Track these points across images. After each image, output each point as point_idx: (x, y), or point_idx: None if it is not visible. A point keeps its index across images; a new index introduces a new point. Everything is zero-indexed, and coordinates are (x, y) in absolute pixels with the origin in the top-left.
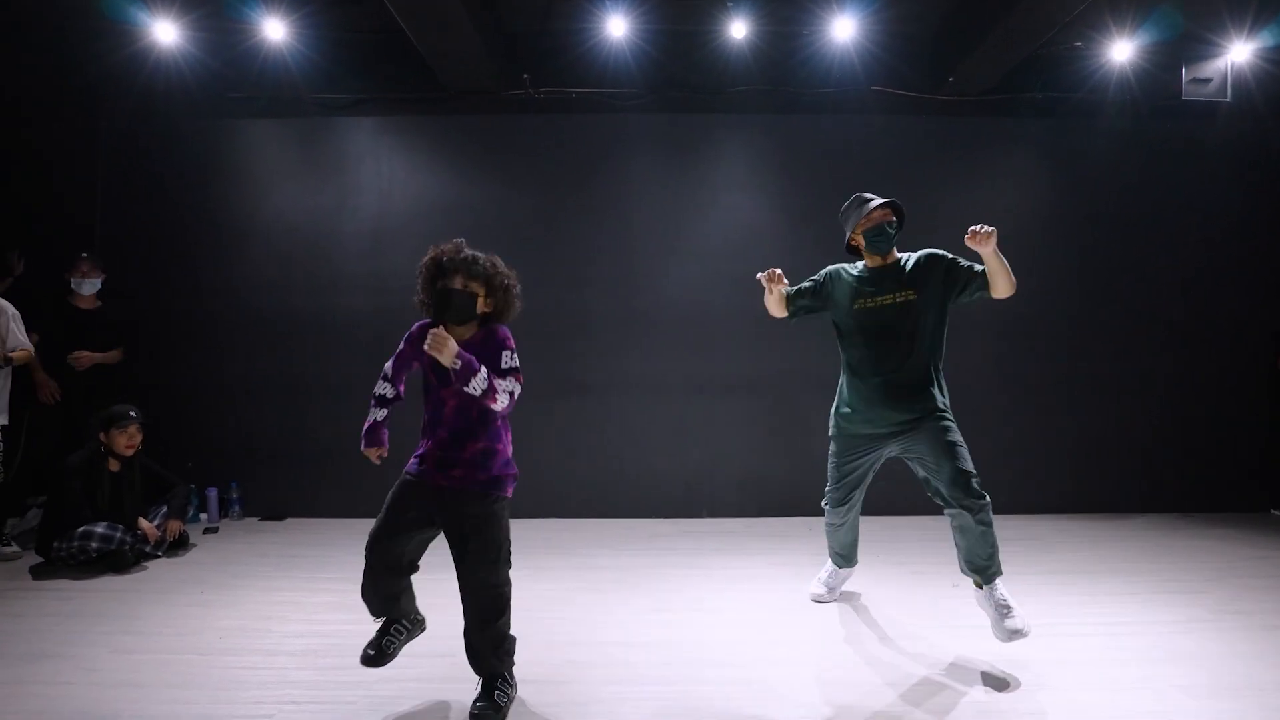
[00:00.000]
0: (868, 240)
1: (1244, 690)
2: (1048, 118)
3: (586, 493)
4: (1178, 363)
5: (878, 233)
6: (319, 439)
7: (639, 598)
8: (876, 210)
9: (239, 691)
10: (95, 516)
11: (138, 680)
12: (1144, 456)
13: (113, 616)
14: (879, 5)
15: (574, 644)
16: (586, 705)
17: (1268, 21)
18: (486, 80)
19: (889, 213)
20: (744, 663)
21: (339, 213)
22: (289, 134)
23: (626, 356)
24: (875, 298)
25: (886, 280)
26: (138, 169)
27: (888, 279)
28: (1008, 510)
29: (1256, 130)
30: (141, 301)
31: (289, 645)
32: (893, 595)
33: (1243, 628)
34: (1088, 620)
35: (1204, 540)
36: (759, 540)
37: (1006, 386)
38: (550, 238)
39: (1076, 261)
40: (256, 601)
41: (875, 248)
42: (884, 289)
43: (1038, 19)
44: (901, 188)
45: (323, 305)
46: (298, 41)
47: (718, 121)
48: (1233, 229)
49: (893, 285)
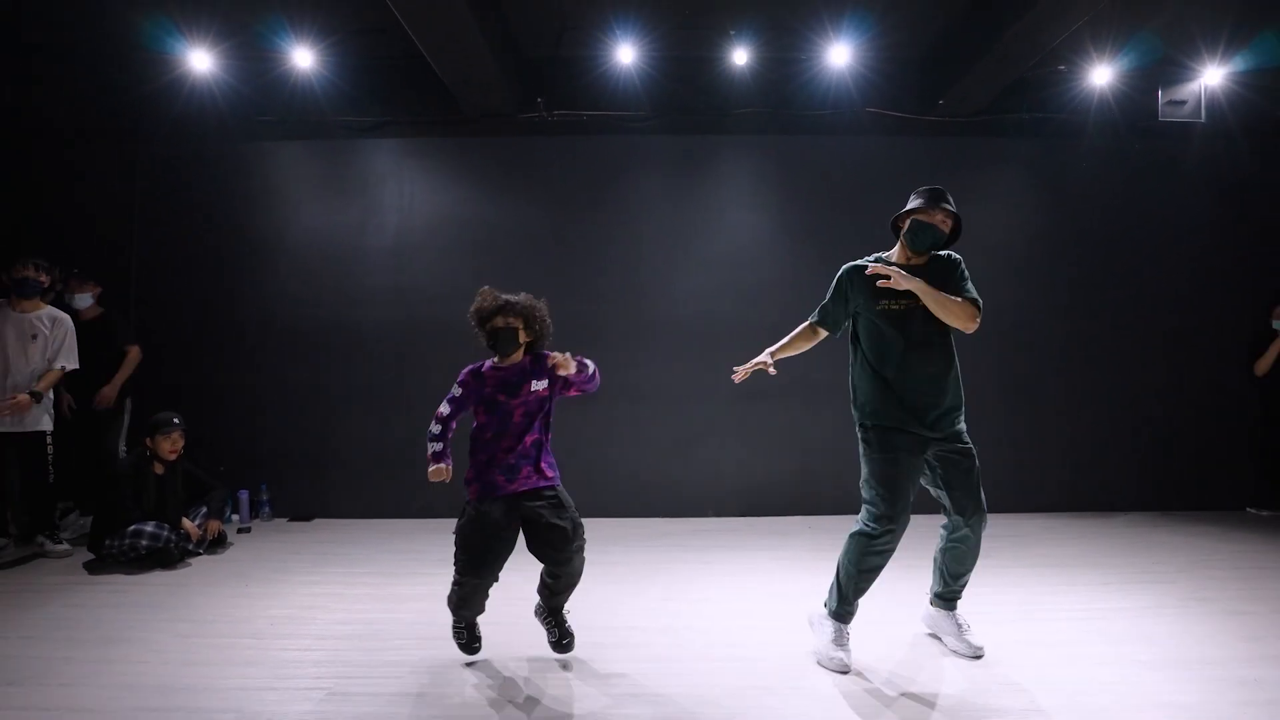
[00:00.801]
0: (914, 229)
1: (1193, 664)
2: (1034, 138)
3: (601, 494)
4: (1160, 369)
5: (924, 230)
6: (344, 444)
7: (655, 588)
8: (940, 213)
9: (298, 668)
10: (143, 517)
11: (203, 659)
12: (1128, 458)
13: (168, 606)
14: (873, 32)
15: (596, 628)
16: (608, 679)
17: (1239, 47)
18: (503, 104)
19: (949, 222)
20: (746, 645)
21: (363, 230)
22: (316, 156)
23: (637, 365)
24: (900, 299)
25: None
26: (173, 191)
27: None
28: (998, 509)
29: (1229, 150)
30: (176, 315)
31: (336, 630)
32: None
33: (1205, 613)
34: (1061, 607)
35: (1180, 536)
36: (762, 537)
37: (997, 392)
38: (563, 253)
39: (1064, 273)
40: (298, 594)
41: (916, 242)
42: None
43: (1024, 44)
44: (896, 205)
45: (347, 318)
46: (324, 68)
47: (721, 143)
48: (1209, 243)
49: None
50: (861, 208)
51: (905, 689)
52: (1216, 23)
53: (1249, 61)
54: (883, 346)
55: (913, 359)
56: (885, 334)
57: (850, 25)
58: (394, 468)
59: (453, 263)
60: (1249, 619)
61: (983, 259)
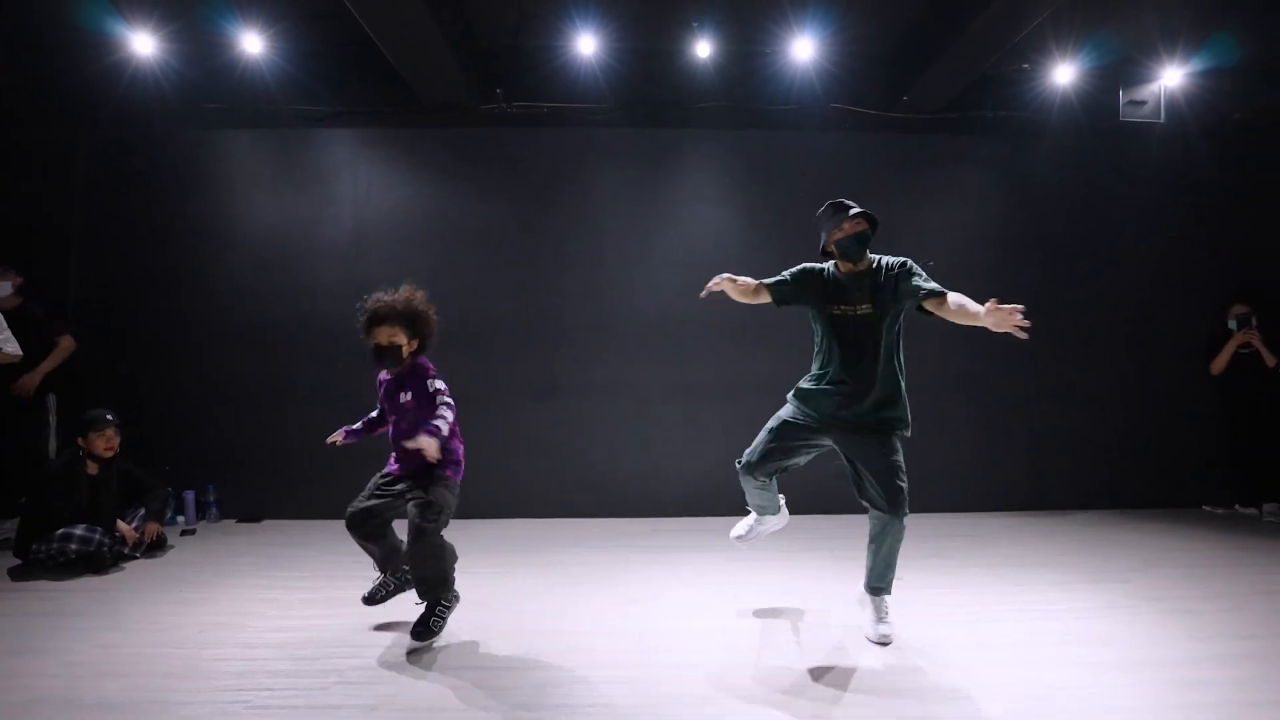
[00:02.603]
0: (839, 249)
1: (1141, 665)
2: (997, 135)
3: (559, 493)
4: (1119, 368)
5: (846, 241)
6: (296, 443)
7: (606, 591)
8: (848, 223)
9: (218, 680)
10: (74, 519)
11: (121, 671)
12: (1088, 456)
13: (93, 614)
14: (837, 26)
15: (540, 634)
16: (544, 688)
17: (1195, 48)
18: (460, 95)
19: (862, 223)
20: (699, 649)
21: (317, 222)
22: (268, 145)
23: (598, 362)
24: (849, 304)
25: (859, 287)
26: (117, 177)
27: (860, 286)
28: (958, 509)
29: (1187, 151)
30: (120, 306)
31: (267, 639)
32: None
33: (1155, 612)
34: (1013, 607)
35: (1137, 534)
36: (722, 537)
37: (959, 391)
38: (524, 247)
39: (1024, 273)
40: (235, 599)
41: (847, 255)
42: (856, 295)
43: (986, 41)
44: (860, 202)
45: (300, 312)
46: (275, 55)
47: (684, 136)
48: (1168, 242)
49: (866, 292)
50: (825, 203)
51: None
52: (1173, 23)
53: (1206, 62)
54: (835, 347)
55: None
56: (838, 336)
57: (814, 19)
58: (348, 468)
59: (410, 256)
60: (1198, 618)
61: (945, 256)
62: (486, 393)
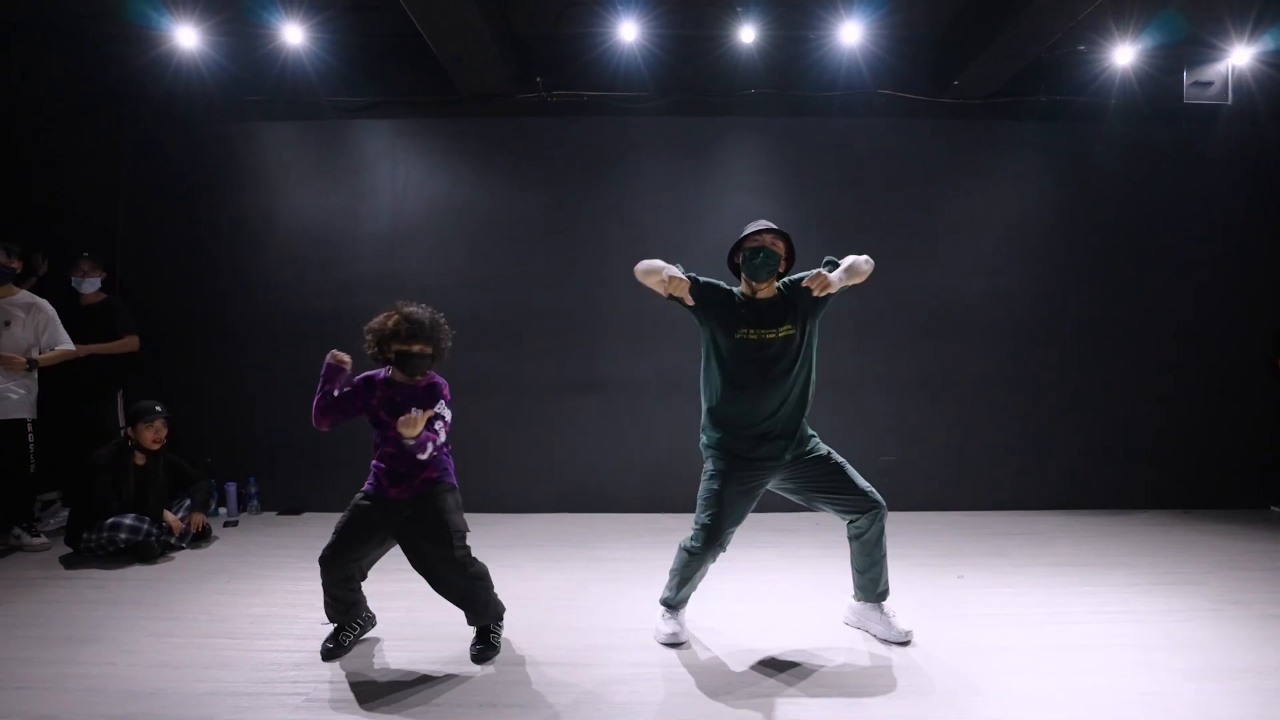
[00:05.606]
0: (746, 260)
1: (1242, 673)
2: (1052, 121)
3: (600, 487)
4: (1180, 362)
5: (756, 254)
6: (335, 435)
7: (651, 588)
8: (767, 235)
9: (275, 672)
10: (122, 509)
11: (177, 661)
12: (1147, 454)
13: (146, 603)
14: (885, 10)
15: (592, 630)
16: (606, 685)
17: (1269, 25)
18: (500, 84)
19: (778, 240)
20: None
21: (355, 214)
22: (307, 136)
23: (639, 355)
24: (757, 330)
25: (769, 312)
26: (159, 171)
27: (770, 311)
28: (1012, 506)
29: (1257, 134)
30: (161, 300)
31: (320, 631)
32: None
33: (1240, 617)
34: (1087, 610)
35: (1204, 535)
36: (767, 534)
37: (1013, 386)
38: (562, 238)
39: (1081, 263)
40: (283, 590)
41: (752, 271)
42: (765, 322)
43: (1042, 23)
44: (907, 190)
45: (339, 305)
46: (316, 46)
47: (727, 124)
48: (1233, 231)
49: (774, 319)
50: (872, 192)
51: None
52: (1245, 0)
53: (1278, 40)
54: (740, 375)
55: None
56: (742, 362)
57: (861, 3)
58: None
59: (448, 249)
60: None
61: (996, 246)
62: (525, 385)
